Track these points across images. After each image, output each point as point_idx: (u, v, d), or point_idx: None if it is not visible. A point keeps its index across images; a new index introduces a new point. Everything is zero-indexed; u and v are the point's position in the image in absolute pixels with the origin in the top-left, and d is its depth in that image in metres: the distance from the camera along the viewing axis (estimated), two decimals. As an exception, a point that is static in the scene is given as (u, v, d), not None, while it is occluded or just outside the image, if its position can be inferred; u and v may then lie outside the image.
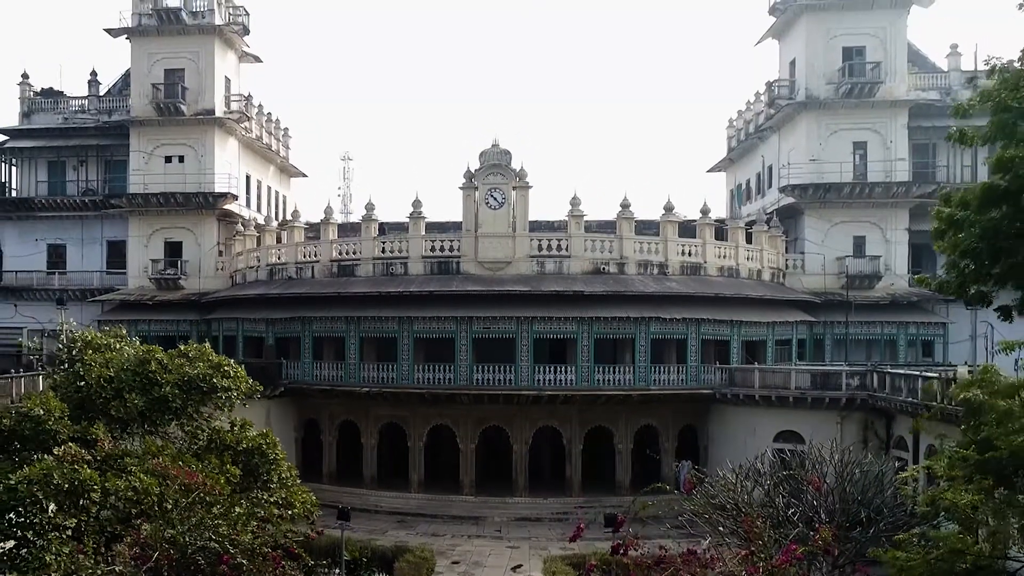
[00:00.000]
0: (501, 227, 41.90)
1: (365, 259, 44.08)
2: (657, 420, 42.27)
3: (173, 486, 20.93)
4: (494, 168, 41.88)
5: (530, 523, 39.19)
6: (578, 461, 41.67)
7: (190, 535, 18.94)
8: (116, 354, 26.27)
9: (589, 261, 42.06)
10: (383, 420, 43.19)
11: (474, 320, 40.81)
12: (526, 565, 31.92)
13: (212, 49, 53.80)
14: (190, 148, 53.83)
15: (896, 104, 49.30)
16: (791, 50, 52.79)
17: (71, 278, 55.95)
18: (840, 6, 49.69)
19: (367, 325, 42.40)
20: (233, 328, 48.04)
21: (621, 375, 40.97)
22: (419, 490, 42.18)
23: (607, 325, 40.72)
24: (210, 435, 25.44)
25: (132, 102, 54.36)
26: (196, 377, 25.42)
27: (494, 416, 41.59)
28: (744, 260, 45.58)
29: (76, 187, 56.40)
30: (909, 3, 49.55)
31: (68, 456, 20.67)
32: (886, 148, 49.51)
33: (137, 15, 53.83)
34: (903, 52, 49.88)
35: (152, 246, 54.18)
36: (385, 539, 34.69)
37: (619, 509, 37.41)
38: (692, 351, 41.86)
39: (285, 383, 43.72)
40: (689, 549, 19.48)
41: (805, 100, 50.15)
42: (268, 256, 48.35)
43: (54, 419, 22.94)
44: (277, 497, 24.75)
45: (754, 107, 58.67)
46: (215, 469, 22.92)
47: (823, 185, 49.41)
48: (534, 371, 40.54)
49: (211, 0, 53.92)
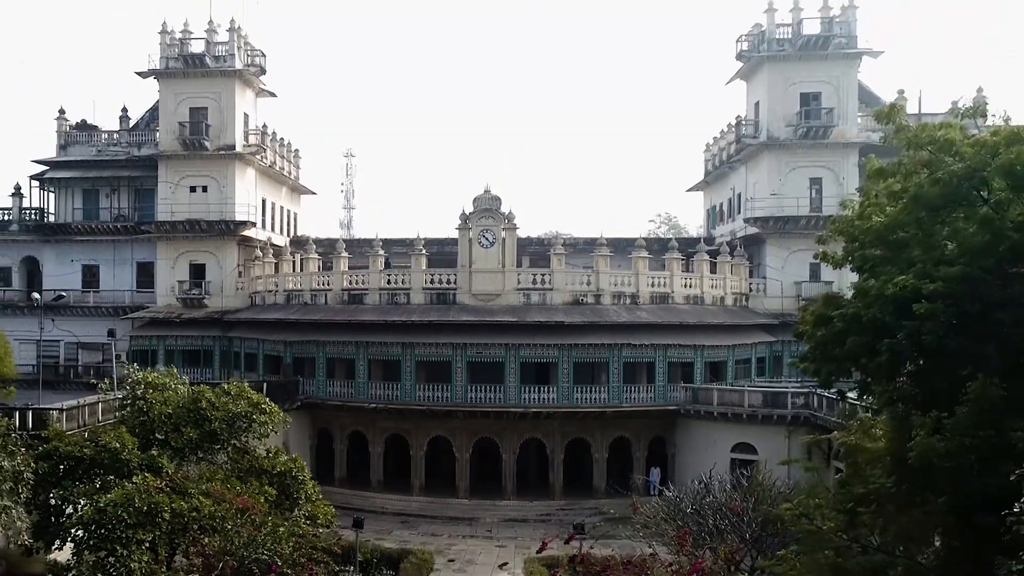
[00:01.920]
0: (492, 264, 47.66)
1: (372, 289, 49.84)
2: (629, 432, 48.05)
3: (225, 506, 26.76)
4: (486, 212, 47.63)
5: (517, 524, 45.01)
6: (560, 468, 47.46)
7: (246, 549, 24.74)
8: (172, 392, 32.11)
9: (569, 293, 47.88)
10: (388, 431, 48.97)
11: (468, 346, 46.61)
12: (511, 563, 37.68)
13: (233, 90, 59.39)
14: (213, 179, 59.49)
15: (848, 145, 54.92)
16: (756, 93, 58.39)
17: (104, 296, 61.78)
18: (798, 57, 55.27)
19: (374, 349, 48.20)
20: (254, 347, 53.83)
21: (597, 394, 46.77)
22: (420, 494, 47.99)
23: (584, 351, 46.52)
24: (250, 461, 31.30)
25: (160, 137, 60.06)
26: (239, 414, 31.28)
27: (486, 429, 47.40)
28: (708, 288, 51.28)
29: (109, 213, 62.16)
30: (859, 55, 55.14)
31: (145, 484, 26.49)
32: (839, 184, 54.98)
33: (165, 59, 59.43)
34: (854, 98, 55.50)
35: (178, 268, 59.96)
36: (391, 539, 40.48)
37: (595, 511, 43.81)
38: (660, 372, 47.65)
39: (302, 398, 49.48)
40: (626, 558, 25.43)
41: (767, 140, 55.81)
42: (285, 282, 54.13)
43: (127, 451, 28.83)
44: (305, 510, 30.67)
45: (726, 137, 64.25)
46: (255, 490, 28.84)
47: (782, 218, 55.07)
48: (521, 391, 46.34)
49: (231, 45, 59.48)
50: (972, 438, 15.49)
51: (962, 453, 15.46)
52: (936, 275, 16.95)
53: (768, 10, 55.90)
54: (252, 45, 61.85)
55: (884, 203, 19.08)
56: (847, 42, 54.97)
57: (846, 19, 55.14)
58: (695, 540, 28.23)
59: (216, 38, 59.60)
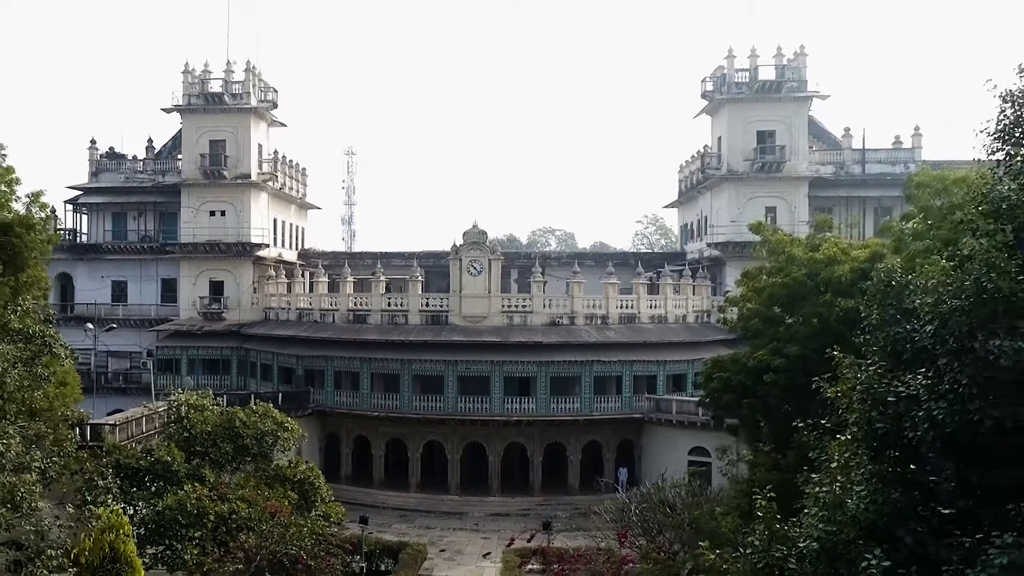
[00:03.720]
0: (479, 289, 54.34)
1: (375, 310, 56.53)
2: (600, 437, 54.75)
3: (258, 509, 33.48)
4: (474, 244, 54.32)
5: (501, 518, 51.64)
6: (539, 469, 54.15)
7: (277, 545, 31.48)
8: (210, 413, 38.79)
9: (547, 315, 54.59)
10: (388, 436, 55.64)
11: (459, 362, 53.30)
12: (493, 553, 44.34)
13: (248, 125, 65.99)
14: (230, 205, 66.17)
15: (799, 178, 61.59)
16: (718, 128, 65.02)
17: (131, 309, 68.55)
18: (754, 99, 61.86)
19: (376, 364, 54.90)
20: (269, 358, 60.55)
21: (571, 404, 53.45)
22: (417, 491, 54.69)
23: (560, 366, 53.24)
24: (275, 470, 38.02)
25: (183, 167, 66.76)
26: (267, 432, 37.99)
27: (474, 434, 54.11)
28: (671, 308, 57.95)
29: (136, 235, 68.96)
30: (810, 98, 61.79)
31: (194, 492, 33.22)
32: (791, 212, 61.64)
33: (187, 96, 65.99)
34: (804, 136, 62.15)
35: (199, 284, 66.67)
36: (391, 532, 47.13)
37: (570, 506, 50.55)
38: (626, 385, 54.34)
39: (312, 406, 56.18)
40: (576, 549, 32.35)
41: (727, 173, 62.44)
42: (297, 301, 60.86)
43: (177, 463, 35.54)
44: (320, 511, 37.37)
45: (695, 163, 70.96)
46: (280, 495, 35.57)
47: (740, 243, 61.57)
48: (504, 401, 53.04)
49: (247, 83, 66.07)
50: (794, 475, 22.15)
51: (786, 484, 22.14)
52: (783, 352, 23.64)
53: (728, 56, 62.48)
54: (265, 82, 68.44)
55: (753, 296, 25.78)
56: (798, 86, 61.58)
57: (797, 65, 61.71)
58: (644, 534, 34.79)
59: (233, 77, 66.10)
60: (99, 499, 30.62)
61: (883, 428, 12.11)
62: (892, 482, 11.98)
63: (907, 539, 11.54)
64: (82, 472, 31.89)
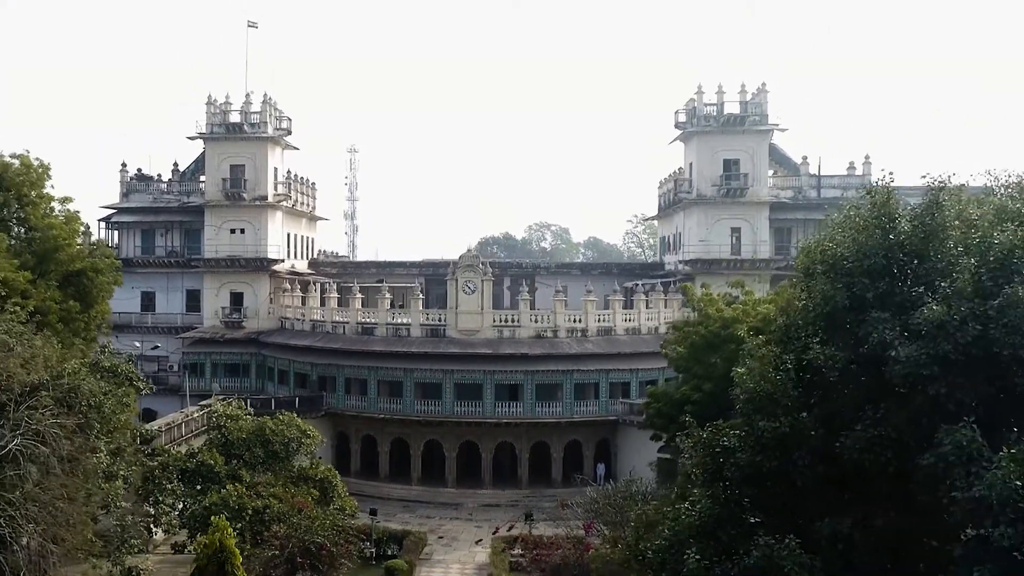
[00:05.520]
0: (473, 307, 61.46)
1: (381, 324, 63.67)
2: (581, 436, 61.95)
3: (287, 505, 40.70)
4: (468, 267, 61.48)
5: (492, 508, 58.68)
6: (526, 465, 61.30)
7: (305, 535, 38.68)
8: (244, 421, 45.94)
9: (533, 329, 61.73)
10: (393, 435, 62.86)
11: (455, 371, 60.46)
12: (484, 540, 51.50)
13: (265, 152, 73.09)
14: (249, 223, 73.28)
15: (760, 203, 68.66)
16: (690, 155, 72.04)
17: (159, 317, 75.78)
18: (721, 131, 68.91)
19: (382, 372, 62.09)
20: (286, 364, 67.75)
21: (554, 408, 60.60)
22: (418, 484, 61.88)
23: (544, 375, 60.37)
24: (299, 470, 45.21)
25: (206, 189, 73.92)
26: (292, 439, 45.17)
27: (469, 434, 61.33)
28: (644, 320, 65.04)
29: (163, 250, 76.16)
30: (770, 131, 68.84)
31: (235, 490, 40.43)
32: (754, 233, 68.78)
33: (210, 125, 73.07)
34: (766, 164, 69.24)
35: (221, 295, 73.86)
36: (395, 521, 54.17)
37: (553, 498, 57.71)
38: (603, 390, 61.45)
39: (325, 408, 63.33)
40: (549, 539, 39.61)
41: (696, 198, 69.49)
42: (311, 314, 68.02)
43: (218, 465, 42.74)
44: (337, 505, 44.56)
45: (670, 183, 77.99)
46: (304, 492, 42.81)
47: (708, 260, 68.77)
48: (495, 405, 60.15)
49: (264, 114, 73.14)
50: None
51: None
52: (701, 388, 30.79)
53: (698, 92, 69.47)
54: (280, 111, 75.51)
55: (682, 341, 32.97)
56: (759, 120, 68.59)
57: (759, 101, 68.74)
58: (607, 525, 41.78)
59: (252, 108, 73.17)
60: (167, 500, 37.94)
61: (711, 467, 19.29)
62: (716, 501, 19.18)
63: (723, 538, 18.70)
64: (150, 476, 38.99)
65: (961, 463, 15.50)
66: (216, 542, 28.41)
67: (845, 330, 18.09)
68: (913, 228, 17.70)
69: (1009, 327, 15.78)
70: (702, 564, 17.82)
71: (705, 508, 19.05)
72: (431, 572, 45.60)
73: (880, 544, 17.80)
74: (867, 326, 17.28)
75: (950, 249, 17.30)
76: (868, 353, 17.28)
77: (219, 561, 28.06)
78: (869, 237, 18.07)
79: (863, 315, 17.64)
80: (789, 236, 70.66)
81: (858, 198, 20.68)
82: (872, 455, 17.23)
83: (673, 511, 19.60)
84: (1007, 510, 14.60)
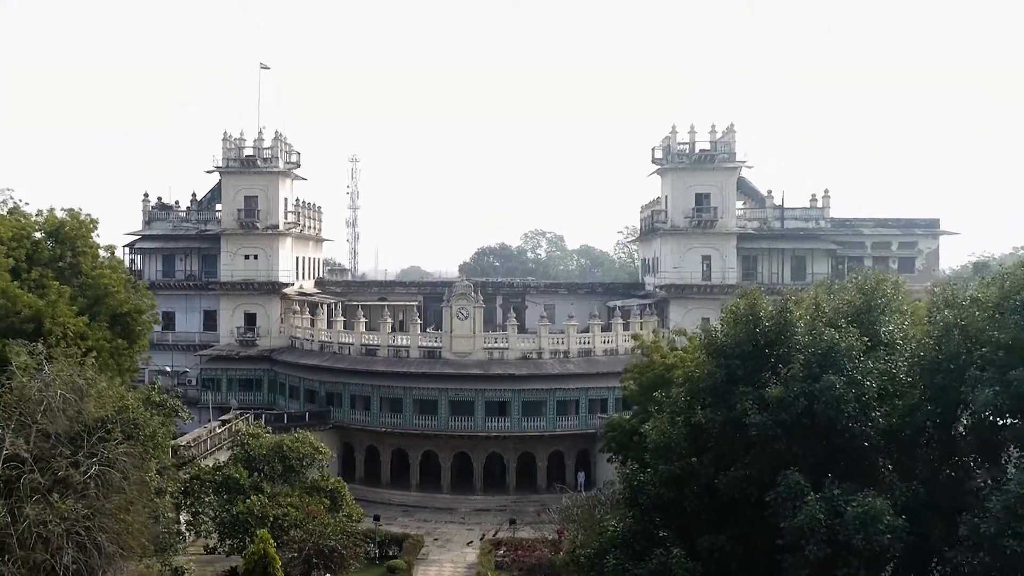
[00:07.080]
0: (466, 331, 68.20)
1: (383, 345, 70.40)
2: (563, 448, 68.69)
3: (303, 512, 47.41)
4: (462, 296, 68.23)
5: (483, 513, 65.27)
6: (513, 473, 68.01)
7: (319, 539, 45.37)
8: (264, 439, 52.61)
9: (520, 352, 68.45)
10: (394, 446, 69.59)
11: (449, 389, 67.15)
12: (474, 542, 58.12)
13: (277, 184, 79.87)
14: (262, 250, 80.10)
15: (728, 234, 75.40)
16: (665, 188, 78.74)
17: (179, 335, 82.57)
18: (693, 168, 75.64)
19: (384, 389, 68.78)
20: (296, 381, 74.49)
21: (539, 422, 67.29)
22: (416, 490, 68.52)
23: (530, 393, 67.08)
24: (312, 482, 51.91)
25: (222, 219, 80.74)
26: (307, 454, 51.86)
27: (462, 446, 68.06)
28: (622, 342, 71.72)
29: (182, 273, 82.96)
30: (738, 168, 75.58)
31: (258, 501, 47.17)
32: (723, 261, 75.49)
33: (226, 159, 79.85)
34: (734, 198, 75.98)
35: (235, 316, 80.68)
36: (396, 524, 60.81)
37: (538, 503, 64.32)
38: (583, 406, 68.14)
39: (332, 422, 70.02)
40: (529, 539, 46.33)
41: (671, 228, 76.23)
42: (319, 335, 74.77)
43: (243, 478, 49.44)
44: (345, 512, 51.25)
45: (649, 210, 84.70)
46: (317, 501, 49.54)
47: (681, 285, 75.50)
48: (486, 420, 66.86)
49: (275, 149, 79.92)
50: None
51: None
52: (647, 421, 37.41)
53: (672, 132, 76.24)
54: (290, 145, 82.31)
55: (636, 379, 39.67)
56: (728, 157, 75.32)
57: (727, 140, 75.50)
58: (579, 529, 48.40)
59: (263, 144, 79.93)
60: (206, 512, 44.75)
61: (630, 495, 26.06)
62: (636, 520, 25.94)
63: (637, 548, 25.44)
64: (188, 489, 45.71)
65: (791, 499, 22.27)
66: (261, 550, 35.16)
67: (722, 399, 24.87)
68: (771, 324, 24.47)
69: (827, 403, 22.54)
70: (618, 567, 24.53)
71: (626, 526, 25.80)
72: (428, 571, 52.33)
73: (752, 554, 24.58)
74: (734, 397, 24.07)
75: (795, 343, 24.09)
76: (735, 417, 24.04)
77: (264, 565, 34.81)
78: (742, 329, 24.83)
79: (735, 387, 24.42)
80: (755, 264, 77.32)
81: (737, 295, 27.34)
82: (742, 490, 24.00)
83: (600, 527, 26.37)
84: (816, 534, 21.40)
